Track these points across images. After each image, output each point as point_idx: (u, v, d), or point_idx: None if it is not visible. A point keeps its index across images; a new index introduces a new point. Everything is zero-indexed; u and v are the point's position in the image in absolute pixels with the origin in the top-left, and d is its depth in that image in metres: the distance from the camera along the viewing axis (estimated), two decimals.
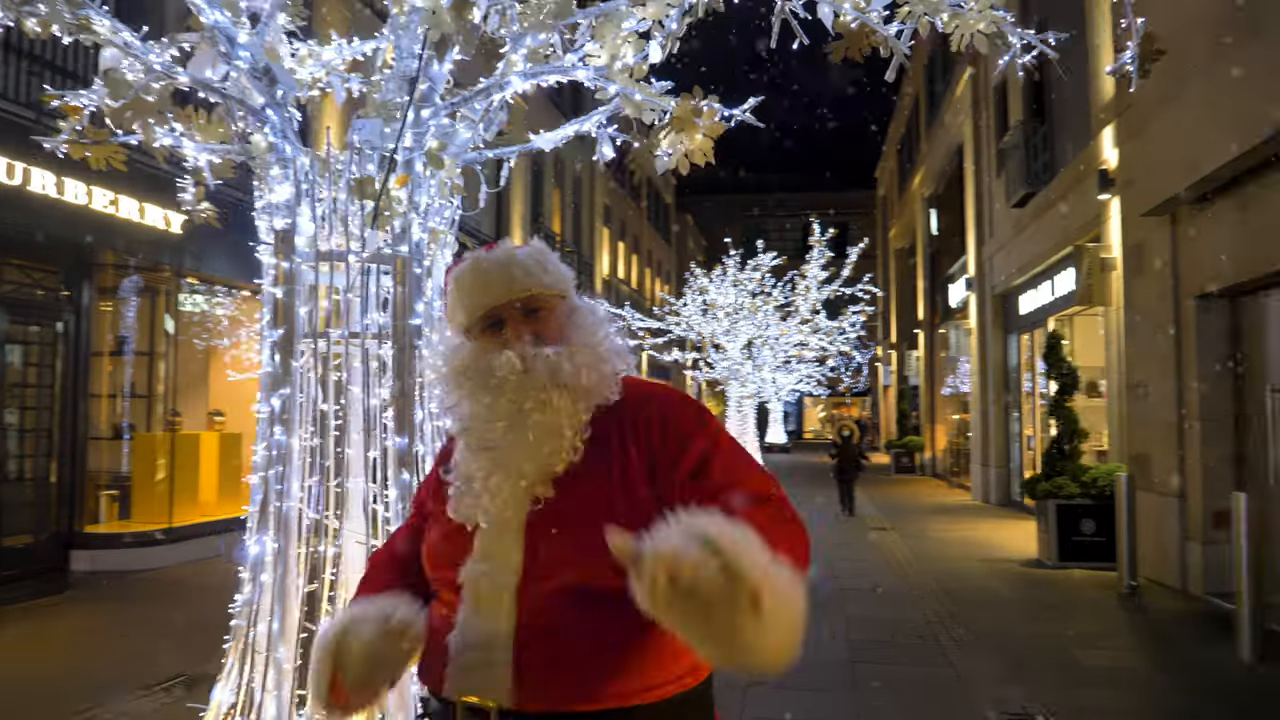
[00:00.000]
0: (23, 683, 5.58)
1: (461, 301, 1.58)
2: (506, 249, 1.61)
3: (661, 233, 39.09)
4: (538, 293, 1.56)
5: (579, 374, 1.50)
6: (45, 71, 7.48)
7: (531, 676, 1.37)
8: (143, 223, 8.57)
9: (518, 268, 1.56)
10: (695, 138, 2.62)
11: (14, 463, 8.67)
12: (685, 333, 17.92)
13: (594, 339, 1.56)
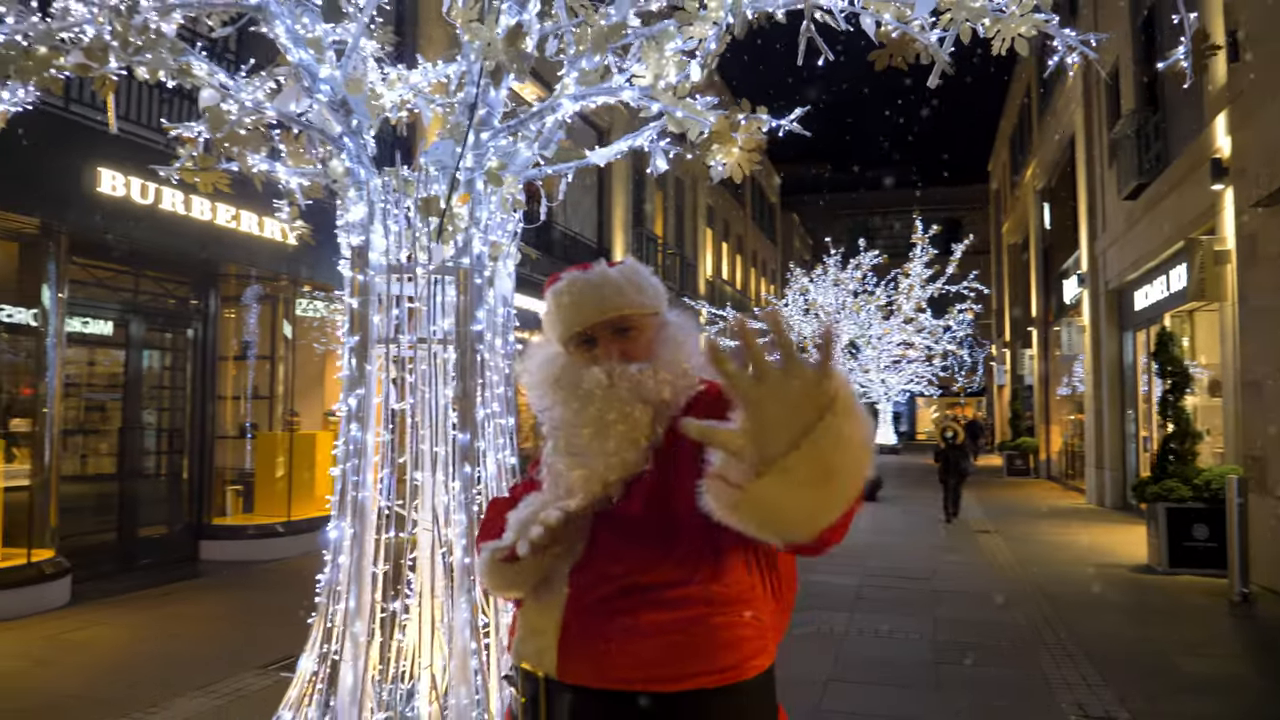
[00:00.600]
0: (157, 658, 6.11)
1: (558, 318, 1.68)
2: (601, 270, 1.69)
3: (767, 233, 38.93)
4: (629, 313, 1.65)
5: (661, 390, 1.59)
6: (175, 98, 8.10)
7: (572, 653, 1.51)
8: (262, 236, 9.18)
9: (610, 288, 1.65)
10: (732, 151, 2.77)
11: (151, 460, 9.40)
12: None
13: (679, 355, 1.64)
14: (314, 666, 2.74)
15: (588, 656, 1.50)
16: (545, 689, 1.53)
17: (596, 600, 1.52)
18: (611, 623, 1.49)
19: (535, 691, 1.55)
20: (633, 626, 1.49)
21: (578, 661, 1.50)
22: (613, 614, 1.50)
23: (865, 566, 9.99)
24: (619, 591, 1.51)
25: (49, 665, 5.92)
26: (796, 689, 5.55)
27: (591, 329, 1.64)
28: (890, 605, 7.93)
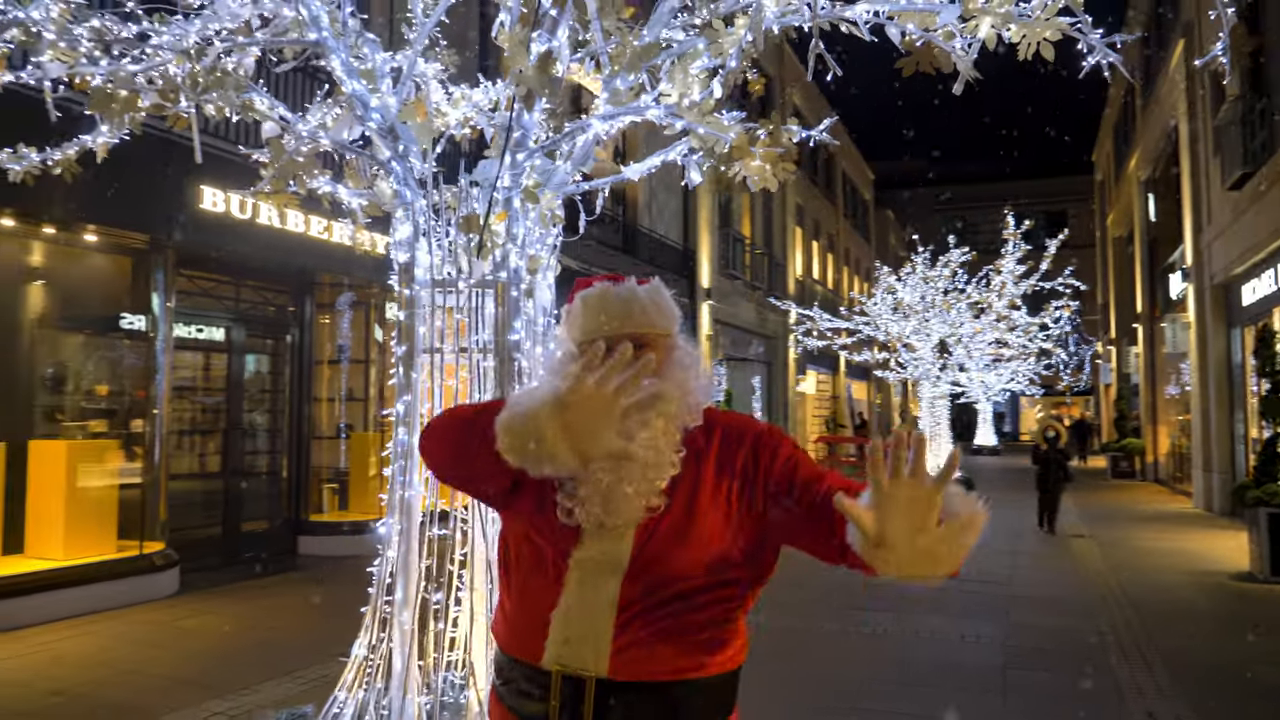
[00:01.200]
0: (255, 645, 6.53)
1: (582, 322, 1.76)
2: (630, 286, 1.78)
3: (860, 231, 38.39)
4: (647, 331, 1.75)
5: (672, 404, 1.70)
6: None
7: (627, 652, 1.64)
8: (353, 246, 9.62)
9: (636, 305, 1.74)
10: (750, 164, 2.88)
11: (253, 459, 9.97)
12: (874, 332, 17.64)
13: (686, 377, 1.77)
14: (364, 652, 2.97)
15: (639, 657, 1.64)
16: (594, 689, 1.64)
17: (645, 608, 1.65)
18: (660, 626, 1.65)
19: (576, 692, 1.65)
20: (674, 628, 1.66)
21: (631, 662, 1.64)
22: (660, 618, 1.65)
23: None
24: (665, 599, 1.66)
25: (160, 648, 6.39)
26: (858, 690, 5.59)
27: (611, 339, 1.71)
28: (965, 609, 7.84)
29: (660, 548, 1.68)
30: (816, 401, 30.55)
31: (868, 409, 36.71)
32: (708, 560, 1.69)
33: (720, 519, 1.71)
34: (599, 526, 1.68)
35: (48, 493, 7.50)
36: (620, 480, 1.66)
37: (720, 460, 1.75)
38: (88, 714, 5.03)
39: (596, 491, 1.67)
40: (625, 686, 1.64)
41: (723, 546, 1.70)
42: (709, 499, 1.71)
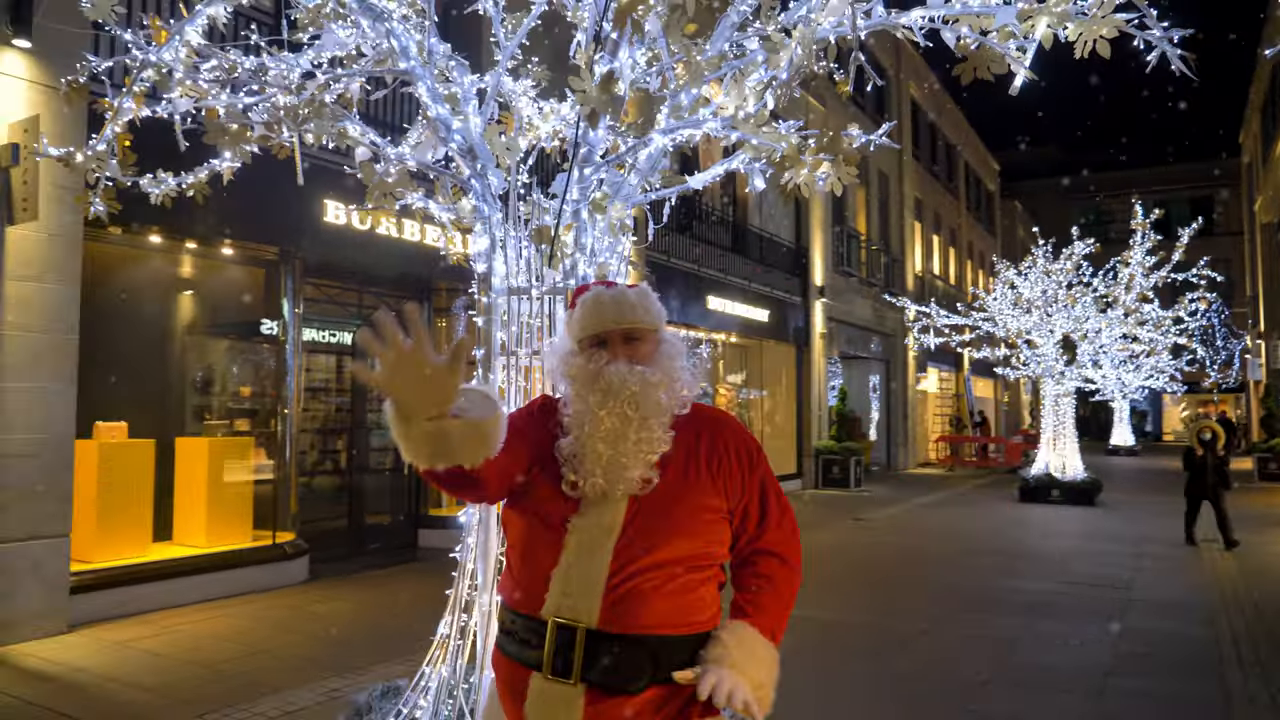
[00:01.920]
0: (376, 630, 6.97)
1: (580, 321, 2.04)
2: (621, 288, 2.08)
3: (984, 223, 37.21)
4: (637, 325, 2.03)
5: (660, 387, 1.97)
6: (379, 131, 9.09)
7: (616, 607, 1.87)
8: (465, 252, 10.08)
9: (626, 304, 2.03)
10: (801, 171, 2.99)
11: (376, 456, 10.55)
12: (994, 329, 17.14)
13: (673, 366, 2.04)
14: (447, 630, 3.23)
15: (626, 612, 1.87)
16: (585, 637, 1.86)
17: (636, 570, 1.89)
18: (646, 585, 1.89)
19: (568, 640, 1.87)
20: (659, 589, 1.90)
21: (619, 615, 1.87)
22: (647, 579, 1.89)
23: (1064, 572, 9.61)
24: (653, 564, 1.90)
25: (289, 630, 6.90)
26: (952, 688, 5.58)
27: (605, 334, 2.01)
28: (1078, 612, 7.65)
29: (648, 517, 1.92)
30: (938, 400, 29.82)
31: (994, 407, 35.56)
32: (688, 531, 1.94)
33: (701, 496, 1.97)
34: (601, 496, 1.93)
35: (192, 486, 8.18)
36: (618, 454, 1.91)
37: (704, 445, 2.01)
38: (221, 686, 5.51)
39: (598, 464, 1.92)
40: (613, 637, 1.86)
41: (702, 520, 1.95)
42: (693, 477, 1.97)
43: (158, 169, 4.51)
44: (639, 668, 1.86)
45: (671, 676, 1.88)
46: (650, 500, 1.94)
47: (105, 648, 6.31)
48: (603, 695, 1.85)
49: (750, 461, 2.06)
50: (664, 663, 1.88)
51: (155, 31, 4.00)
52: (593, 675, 1.85)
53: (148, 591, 7.28)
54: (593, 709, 1.84)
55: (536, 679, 1.90)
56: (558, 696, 1.87)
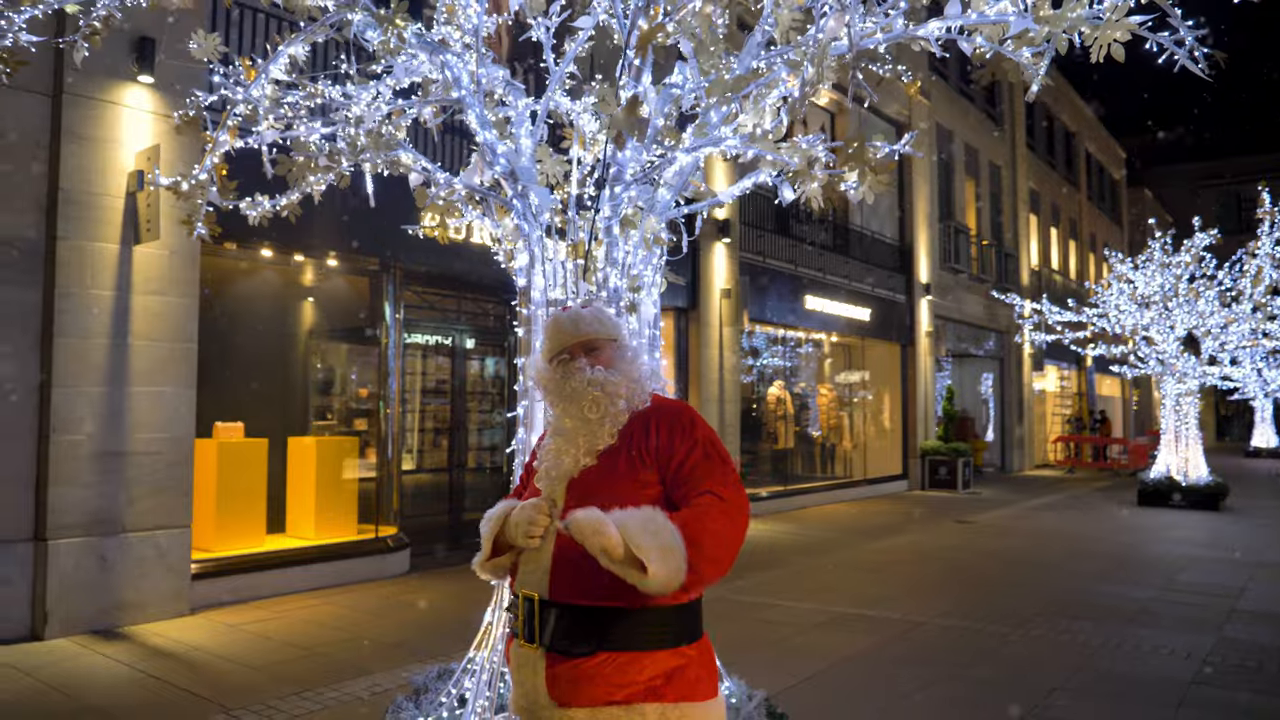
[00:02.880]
0: (463, 620, 7.31)
1: (547, 341, 2.43)
2: (575, 310, 2.45)
3: (1109, 213, 35.61)
4: (592, 336, 2.37)
5: (619, 391, 2.28)
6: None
7: (558, 581, 2.14)
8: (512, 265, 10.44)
9: (582, 321, 2.39)
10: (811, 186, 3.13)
11: (474, 455, 11.02)
12: (1108, 325, 16.49)
13: (631, 368, 2.35)
14: (489, 617, 3.49)
15: (569, 582, 2.13)
16: (539, 606, 2.15)
17: (574, 545, 2.08)
18: (584, 559, 2.07)
19: (531, 609, 2.17)
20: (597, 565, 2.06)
21: (562, 587, 2.14)
22: (586, 555, 2.06)
23: (1171, 580, 9.28)
24: None
25: (385, 618, 7.36)
26: (1023, 696, 5.55)
27: (568, 349, 2.35)
28: (1174, 621, 7.41)
29: (583, 496, 2.16)
30: (1058, 399, 28.75)
31: (1120, 407, 34.02)
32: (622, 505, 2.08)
33: (634, 473, 2.19)
34: (549, 480, 2.26)
35: (302, 482, 8.77)
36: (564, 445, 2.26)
37: (640, 439, 2.24)
38: (318, 667, 5.96)
39: (548, 454, 2.30)
40: (561, 607, 2.12)
41: (636, 495, 2.15)
42: (627, 457, 2.21)
43: (256, 192, 4.96)
44: (584, 634, 2.10)
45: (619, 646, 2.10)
46: (586, 481, 2.21)
47: (220, 630, 6.88)
48: (559, 658, 2.11)
49: (683, 430, 2.24)
50: (611, 633, 2.10)
51: (246, 71, 4.43)
52: (546, 640, 2.13)
53: (261, 579, 7.88)
54: (551, 670, 2.12)
55: (515, 644, 2.23)
56: (526, 659, 2.18)
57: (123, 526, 6.91)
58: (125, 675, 5.80)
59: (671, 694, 2.12)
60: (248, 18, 8.05)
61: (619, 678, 2.09)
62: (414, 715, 3.44)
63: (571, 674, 2.10)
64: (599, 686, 2.09)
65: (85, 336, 6.77)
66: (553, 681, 2.12)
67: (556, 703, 2.12)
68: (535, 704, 2.16)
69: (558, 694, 2.11)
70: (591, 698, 2.09)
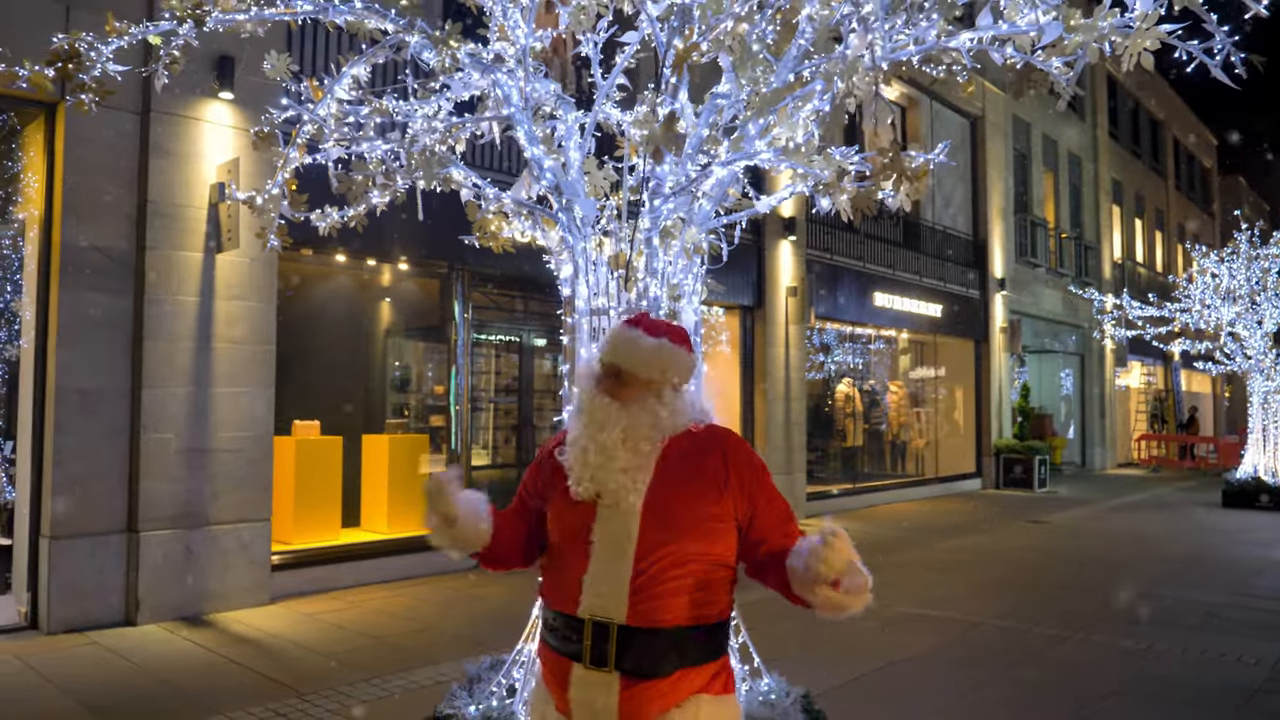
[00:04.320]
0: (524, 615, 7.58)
1: (602, 347, 2.37)
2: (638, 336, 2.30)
3: (1199, 203, 34.33)
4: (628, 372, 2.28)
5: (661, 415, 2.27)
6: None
7: (639, 605, 2.18)
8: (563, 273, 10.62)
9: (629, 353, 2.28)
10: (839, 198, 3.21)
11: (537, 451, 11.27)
12: (1191, 320, 15.98)
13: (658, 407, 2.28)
14: (539, 611, 3.67)
15: (648, 609, 2.17)
16: (617, 632, 2.18)
17: (655, 572, 2.19)
18: (664, 585, 2.19)
19: (603, 634, 2.19)
20: (677, 587, 2.19)
21: (643, 612, 2.17)
22: (665, 579, 2.19)
23: (1246, 584, 9.03)
24: (669, 566, 2.20)
25: (453, 609, 7.64)
26: (1069, 697, 5.53)
27: (610, 366, 2.30)
28: (1243, 627, 7.23)
29: (660, 525, 2.21)
30: (1141, 396, 27.88)
31: (1210, 403, 32.80)
32: (697, 536, 2.22)
33: (707, 505, 2.24)
34: (615, 505, 2.23)
35: (376, 478, 9.13)
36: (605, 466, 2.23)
37: (709, 461, 2.28)
38: (388, 655, 6.24)
39: (585, 471, 2.25)
40: (639, 630, 2.17)
41: (709, 526, 2.23)
42: (699, 488, 2.25)
43: (325, 204, 5.23)
44: (664, 656, 2.18)
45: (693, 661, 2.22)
46: (661, 509, 2.22)
47: (298, 618, 7.24)
48: (634, 680, 2.17)
49: (754, 476, 2.30)
50: (685, 651, 2.19)
51: (313, 90, 4.69)
52: (626, 664, 2.17)
53: (336, 571, 8.24)
54: (627, 691, 2.17)
55: (577, 668, 2.22)
56: (597, 682, 2.19)
57: (207, 520, 7.32)
58: (209, 660, 6.17)
59: (718, 688, 2.25)
60: (321, 33, 8.40)
61: (689, 686, 2.19)
62: (466, 703, 3.63)
63: (648, 693, 2.17)
64: (669, 697, 2.18)
65: (172, 340, 7.18)
66: (628, 704, 2.18)
67: (624, 717, 2.18)
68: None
69: (629, 712, 2.18)
70: (662, 708, 2.18)
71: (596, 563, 2.22)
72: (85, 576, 6.83)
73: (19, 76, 4.26)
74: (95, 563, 6.88)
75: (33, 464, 6.90)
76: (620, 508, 2.22)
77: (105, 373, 6.96)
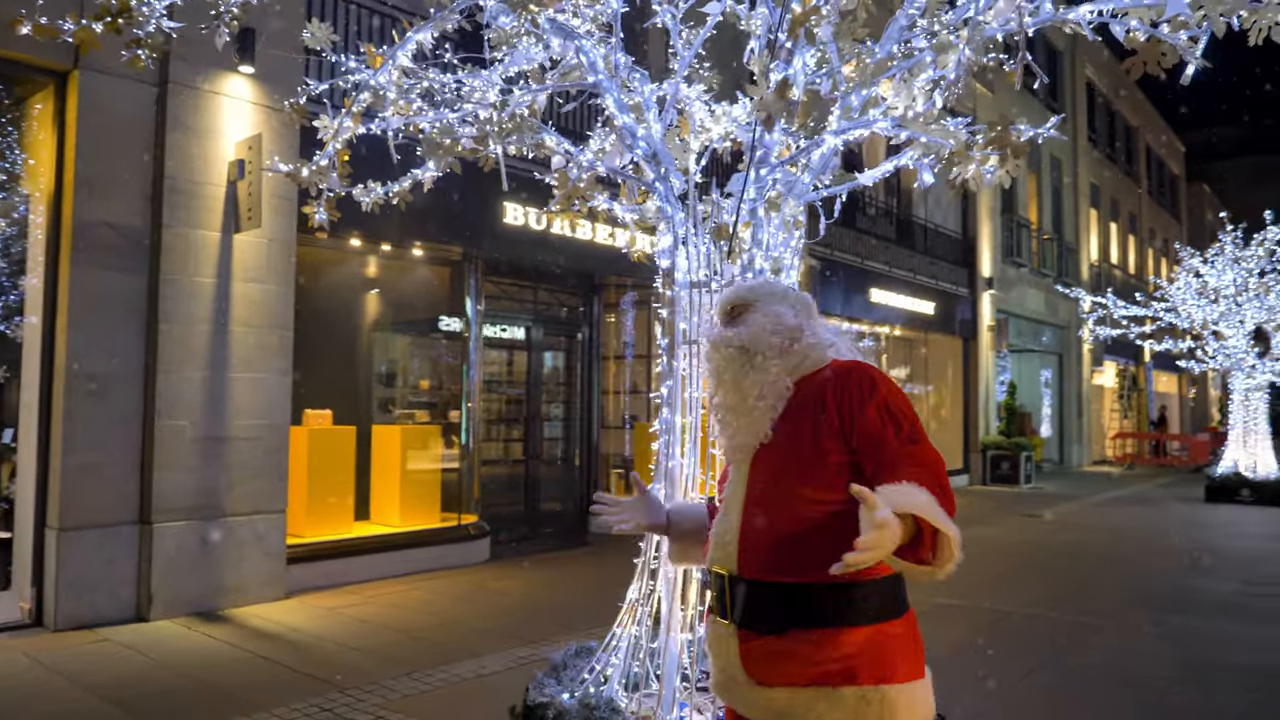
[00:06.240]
0: (551, 605, 7.44)
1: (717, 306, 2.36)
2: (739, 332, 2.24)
3: (1168, 209, 34.96)
4: (734, 303, 2.29)
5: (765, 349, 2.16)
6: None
7: (747, 557, 2.10)
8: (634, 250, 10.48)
9: (730, 293, 2.35)
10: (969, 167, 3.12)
11: (550, 446, 11.12)
12: (1176, 320, 16.22)
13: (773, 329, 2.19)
14: (636, 594, 3.54)
15: (756, 562, 2.08)
16: (729, 582, 2.12)
17: (759, 525, 2.09)
18: (771, 535, 2.07)
19: (722, 585, 2.14)
20: (785, 538, 2.05)
21: (750, 562, 2.09)
22: (771, 532, 2.07)
23: (1253, 574, 9.13)
24: (774, 518, 2.08)
25: (473, 603, 7.45)
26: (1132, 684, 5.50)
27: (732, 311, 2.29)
28: (1262, 614, 7.31)
29: (766, 477, 2.11)
30: (1116, 394, 28.31)
31: (1177, 403, 33.40)
32: (810, 481, 2.04)
33: (815, 453, 2.06)
34: (738, 463, 2.19)
35: (387, 470, 8.90)
36: (731, 422, 2.19)
37: (821, 401, 2.09)
38: (419, 649, 6.05)
39: (722, 431, 2.24)
40: (749, 583, 2.08)
41: (822, 471, 2.04)
42: (810, 436, 2.08)
43: (366, 179, 5.04)
44: (771, 611, 2.04)
45: (814, 622, 2.01)
46: (773, 457, 2.11)
47: (318, 612, 7.02)
48: (750, 635, 2.07)
49: (862, 397, 2.05)
50: (800, 610, 2.01)
51: (370, 57, 4.51)
52: (737, 617, 2.09)
53: (352, 564, 8.02)
54: (744, 647, 2.08)
55: (711, 619, 2.20)
56: (720, 635, 2.14)
57: (222, 511, 7.07)
58: (234, 655, 5.93)
59: (869, 675, 1.99)
60: (340, 9, 8.17)
61: (814, 655, 1.99)
62: (558, 691, 3.49)
63: (765, 651, 2.04)
64: (794, 665, 2.00)
65: (188, 323, 6.92)
66: (747, 658, 2.07)
67: (755, 680, 2.06)
68: (733, 680, 2.11)
69: (756, 672, 2.06)
70: (789, 676, 2.01)
71: (721, 515, 2.21)
72: (94, 570, 6.56)
73: (62, 31, 4.05)
74: (105, 555, 6.61)
75: (39, 452, 6.61)
76: (740, 455, 2.19)
77: (118, 356, 6.69)
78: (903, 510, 1.77)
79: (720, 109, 4.58)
